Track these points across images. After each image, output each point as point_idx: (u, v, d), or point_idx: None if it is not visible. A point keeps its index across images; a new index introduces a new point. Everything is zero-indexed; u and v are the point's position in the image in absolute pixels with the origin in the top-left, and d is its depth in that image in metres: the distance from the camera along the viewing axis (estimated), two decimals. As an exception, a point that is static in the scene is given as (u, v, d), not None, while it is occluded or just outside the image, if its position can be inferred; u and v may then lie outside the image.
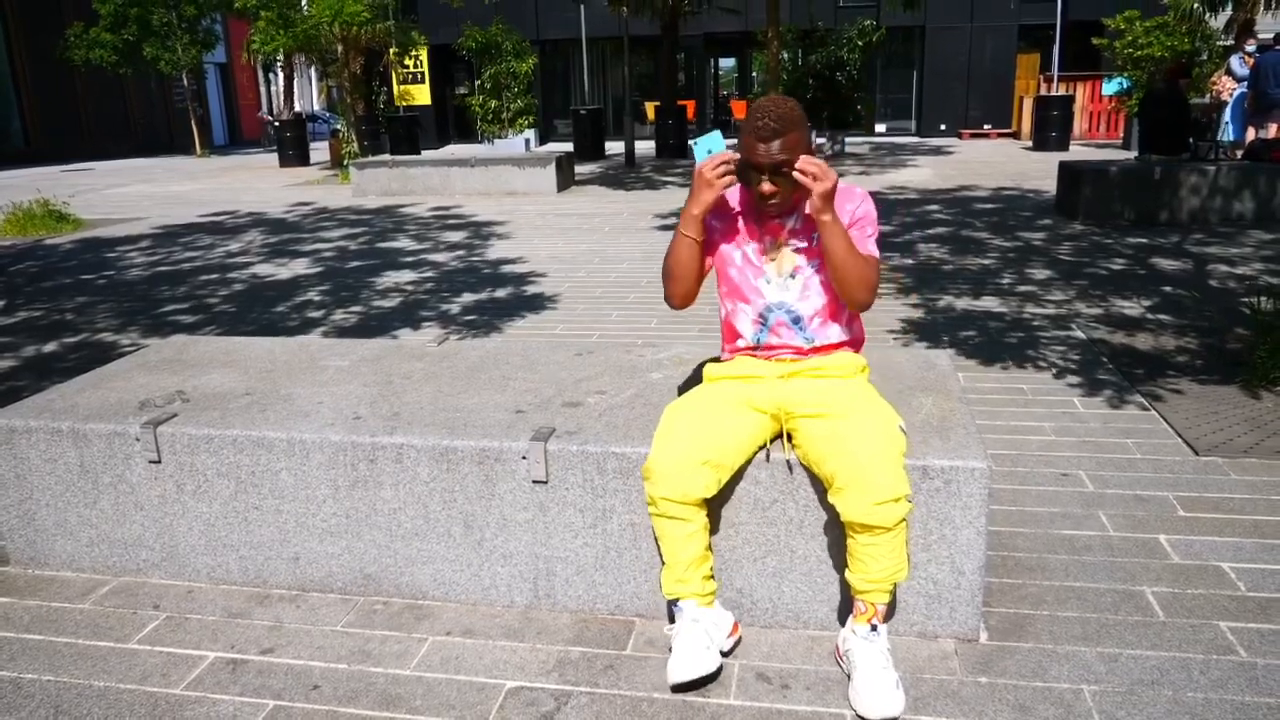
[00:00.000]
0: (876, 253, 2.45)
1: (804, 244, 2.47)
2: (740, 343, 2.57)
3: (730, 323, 2.58)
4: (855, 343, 2.57)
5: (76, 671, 2.43)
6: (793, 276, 2.48)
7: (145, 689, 2.35)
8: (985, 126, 22.53)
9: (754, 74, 26.91)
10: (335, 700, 2.29)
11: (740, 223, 2.52)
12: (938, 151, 18.96)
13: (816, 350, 2.50)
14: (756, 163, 2.30)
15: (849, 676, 2.18)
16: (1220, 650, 2.38)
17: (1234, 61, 13.84)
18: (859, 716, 2.16)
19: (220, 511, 2.77)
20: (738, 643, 2.47)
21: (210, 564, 2.83)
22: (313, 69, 29.23)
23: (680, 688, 2.28)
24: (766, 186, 2.32)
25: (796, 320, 2.50)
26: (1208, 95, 14.26)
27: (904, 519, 2.19)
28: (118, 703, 2.29)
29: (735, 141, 2.43)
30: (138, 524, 2.84)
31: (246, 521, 2.76)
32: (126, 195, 15.08)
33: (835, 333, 2.51)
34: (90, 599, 2.79)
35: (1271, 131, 12.85)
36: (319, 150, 22.45)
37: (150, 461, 2.76)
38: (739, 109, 25.91)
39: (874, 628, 2.25)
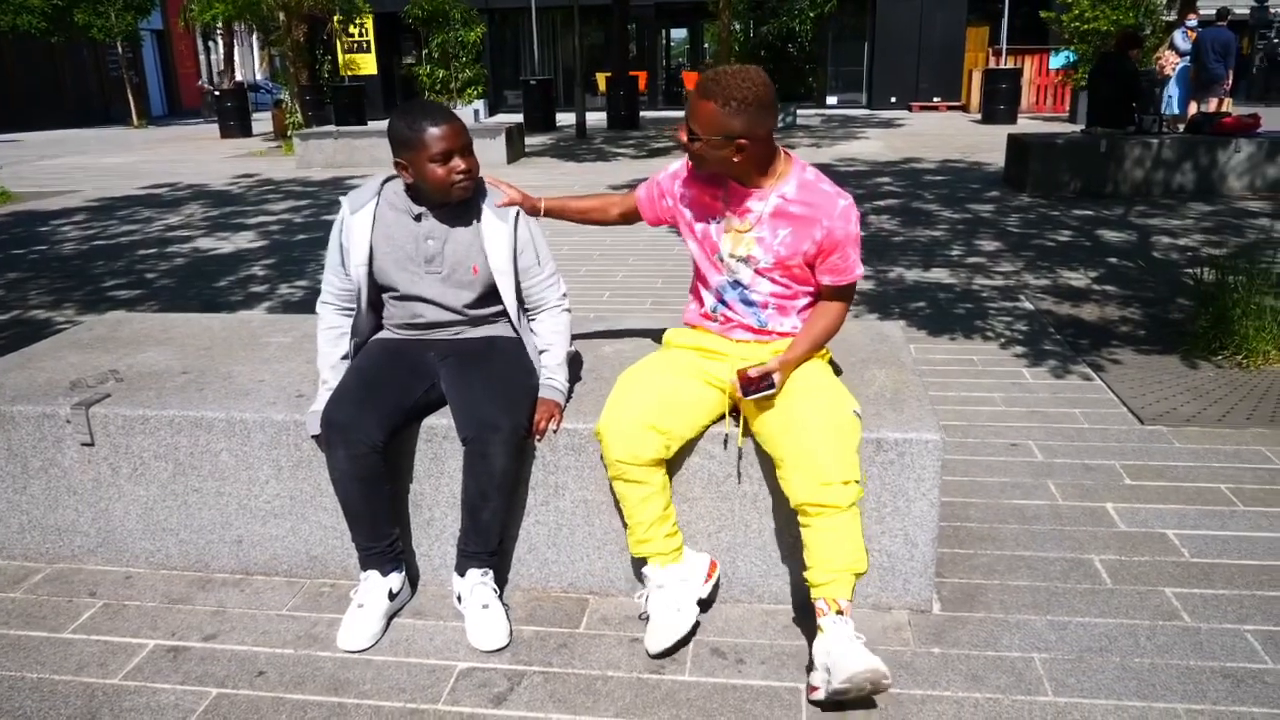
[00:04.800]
0: (859, 272, 2.41)
1: (765, 235, 2.36)
2: (698, 308, 2.57)
3: (695, 284, 2.59)
4: None
5: (8, 664, 2.33)
6: (745, 263, 2.41)
7: (81, 680, 2.27)
8: (935, 99, 22.66)
9: (705, 45, 26.77)
10: (281, 686, 2.23)
11: (711, 195, 2.43)
12: (888, 124, 19.05)
13: (771, 334, 2.46)
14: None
15: (829, 669, 2.02)
16: (1166, 616, 2.41)
17: (1177, 36, 14.05)
18: (843, 682, 1.98)
19: (158, 494, 2.68)
20: (718, 582, 2.48)
21: (149, 548, 2.73)
22: (254, 37, 28.44)
23: (659, 656, 2.29)
24: (682, 134, 2.29)
25: (749, 303, 2.46)
26: (1154, 68, 14.47)
27: (856, 503, 2.15)
28: (52, 695, 2.21)
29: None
30: (71, 509, 2.73)
31: (186, 504, 2.67)
32: (59, 167, 14.58)
33: (791, 323, 2.47)
34: (22, 587, 2.68)
35: (1212, 105, 13.11)
36: (261, 121, 21.89)
37: (83, 444, 2.65)
38: (690, 80, 25.77)
39: (840, 613, 2.12)
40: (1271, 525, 2.86)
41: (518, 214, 2.54)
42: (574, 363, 2.76)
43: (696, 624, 2.37)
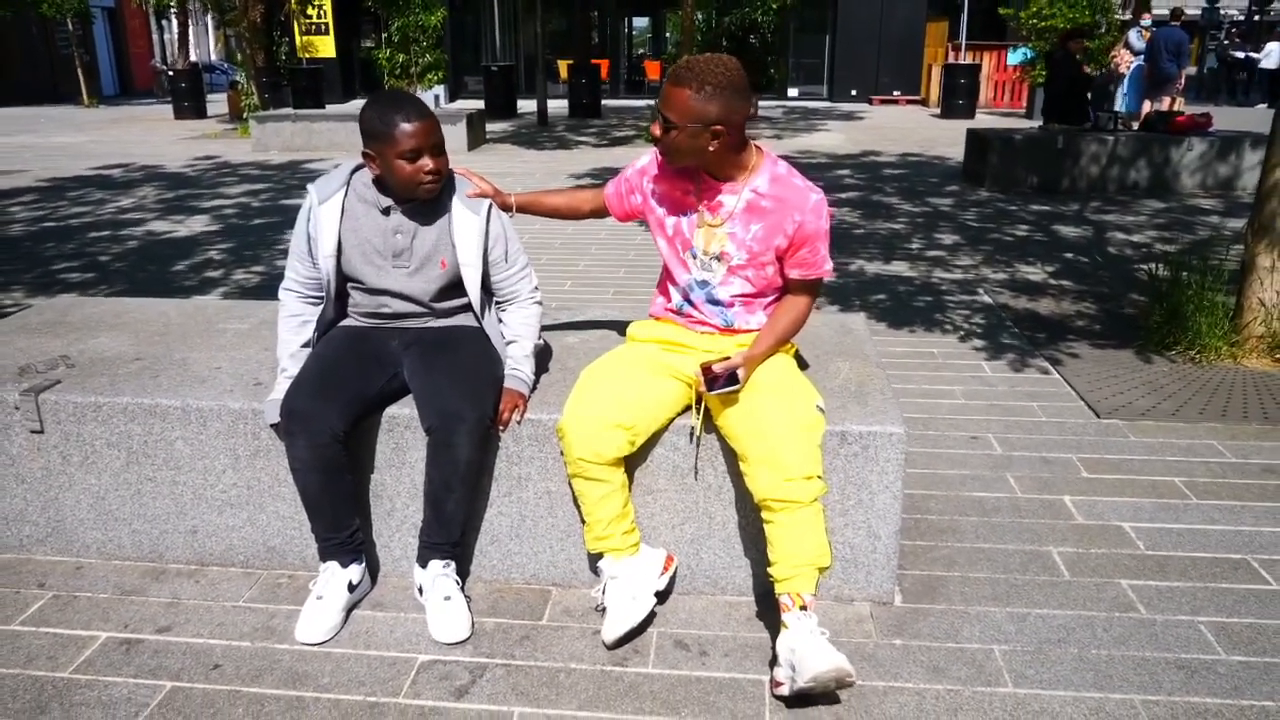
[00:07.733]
0: (828, 268, 2.40)
1: (737, 231, 2.36)
2: (665, 302, 2.56)
3: (663, 280, 2.57)
4: None
5: (-48, 656, 2.27)
6: (718, 259, 2.40)
7: (30, 673, 2.21)
8: (895, 93, 22.81)
9: (668, 34, 26.69)
10: (238, 679, 2.19)
11: (682, 191, 2.42)
12: (849, 117, 19.15)
13: (737, 331, 2.46)
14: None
15: (794, 666, 2.03)
16: (1122, 608, 2.45)
17: (1132, 35, 14.29)
18: (808, 681, 1.99)
19: (111, 483, 2.61)
20: (674, 575, 2.47)
21: (101, 538, 2.67)
22: (209, 16, 27.85)
23: (615, 645, 2.29)
24: (656, 128, 2.27)
25: (715, 302, 2.45)
26: (1104, 68, 14.69)
27: (819, 498, 2.16)
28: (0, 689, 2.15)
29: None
30: (19, 498, 2.65)
31: (139, 494, 2.61)
32: (6, 146, 14.18)
33: (757, 319, 2.47)
34: (-33, 578, 2.61)
35: (1166, 104, 13.36)
36: (216, 103, 21.46)
37: (32, 431, 2.58)
38: (653, 69, 25.70)
39: (804, 608, 2.12)
40: (1223, 518, 2.92)
41: (490, 207, 2.51)
42: (542, 355, 2.74)
43: (653, 614, 2.37)
